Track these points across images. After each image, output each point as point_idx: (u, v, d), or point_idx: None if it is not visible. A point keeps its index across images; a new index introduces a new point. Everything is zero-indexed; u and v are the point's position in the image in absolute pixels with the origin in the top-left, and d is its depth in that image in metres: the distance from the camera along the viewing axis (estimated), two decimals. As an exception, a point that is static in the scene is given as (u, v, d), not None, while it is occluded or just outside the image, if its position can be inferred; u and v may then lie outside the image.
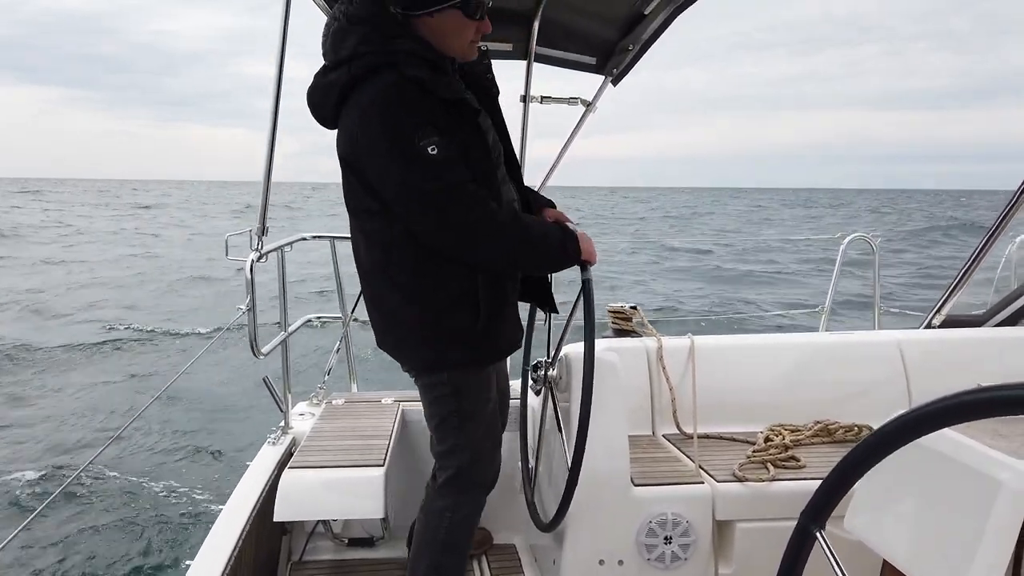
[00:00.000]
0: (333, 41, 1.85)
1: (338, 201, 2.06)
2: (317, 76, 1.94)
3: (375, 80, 1.78)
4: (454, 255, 1.87)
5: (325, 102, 1.90)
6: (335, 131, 1.93)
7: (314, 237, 3.32)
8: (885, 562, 1.67)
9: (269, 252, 2.65)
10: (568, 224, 2.05)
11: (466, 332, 1.95)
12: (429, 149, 1.73)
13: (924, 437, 1.52)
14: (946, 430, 1.48)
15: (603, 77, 3.28)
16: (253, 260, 2.50)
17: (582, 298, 2.03)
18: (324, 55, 1.91)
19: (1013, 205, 3.33)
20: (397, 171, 1.76)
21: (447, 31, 1.85)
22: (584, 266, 2.01)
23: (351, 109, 1.83)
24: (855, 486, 1.57)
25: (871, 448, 0.88)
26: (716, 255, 25.63)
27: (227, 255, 2.64)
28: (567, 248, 1.95)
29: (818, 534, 0.94)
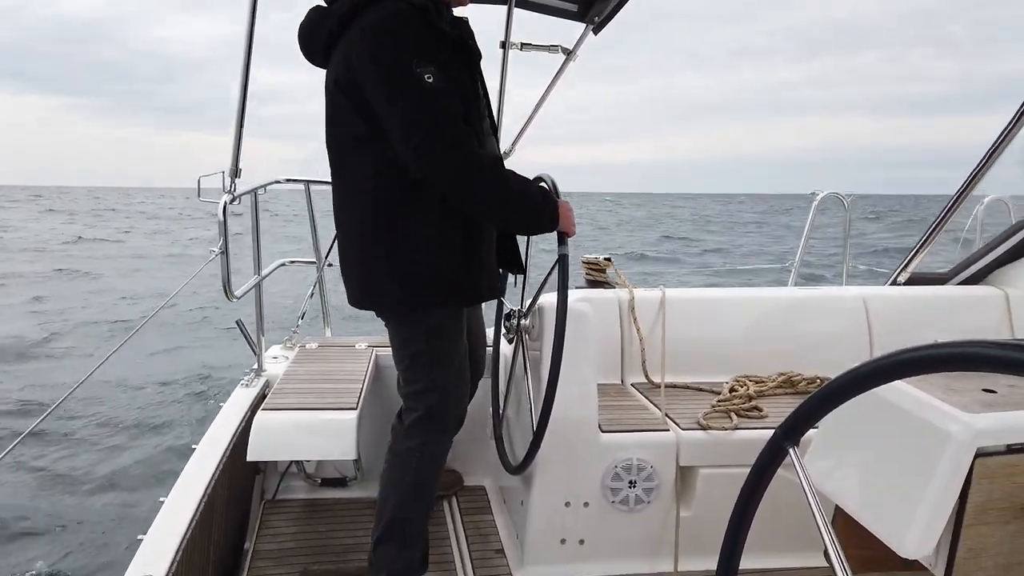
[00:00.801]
0: None
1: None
2: (311, 12, 1.95)
3: (379, 6, 1.79)
4: (440, 186, 1.86)
5: (320, 32, 1.90)
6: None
7: (288, 180, 3.28)
8: (837, 507, 1.75)
9: (242, 195, 2.62)
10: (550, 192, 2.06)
11: (442, 272, 1.97)
12: (426, 76, 1.75)
13: (880, 389, 1.58)
14: (901, 384, 1.55)
15: (584, 25, 3.25)
16: (226, 202, 2.47)
17: (557, 269, 2.05)
18: None
19: (981, 167, 3.39)
20: (391, 93, 1.77)
21: None
22: (562, 238, 2.03)
23: (352, 33, 1.83)
24: (812, 435, 1.64)
25: (855, 380, 0.92)
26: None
27: (199, 197, 2.61)
28: (544, 212, 1.96)
29: (790, 450, 0.99)
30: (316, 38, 1.93)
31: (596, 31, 3.26)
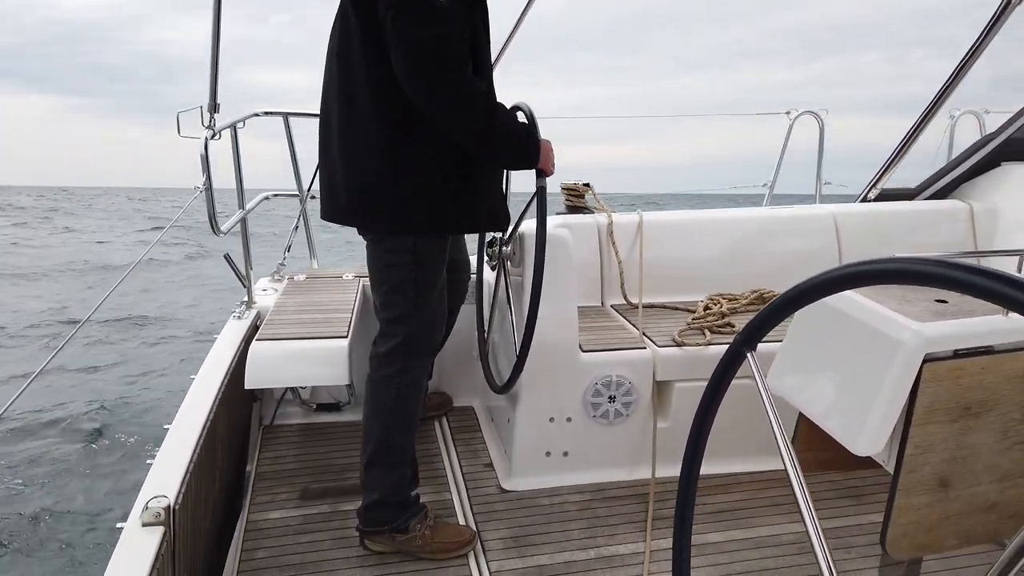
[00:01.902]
0: None
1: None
2: None
3: None
4: (421, 102, 1.86)
5: None
6: None
7: (267, 113, 3.28)
8: (800, 414, 1.89)
9: (222, 129, 2.64)
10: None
11: (437, 194, 1.98)
12: None
13: (836, 300, 1.68)
14: (857, 296, 1.65)
15: None
16: (207, 138, 2.49)
17: (536, 202, 2.11)
18: None
19: (952, 80, 3.44)
20: (399, 8, 1.78)
21: None
22: (540, 174, 2.09)
23: None
24: (776, 347, 1.75)
25: (803, 292, 0.99)
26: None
27: (179, 133, 2.62)
28: (528, 147, 2.00)
29: (748, 354, 1.08)
30: None
31: None
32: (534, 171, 2.10)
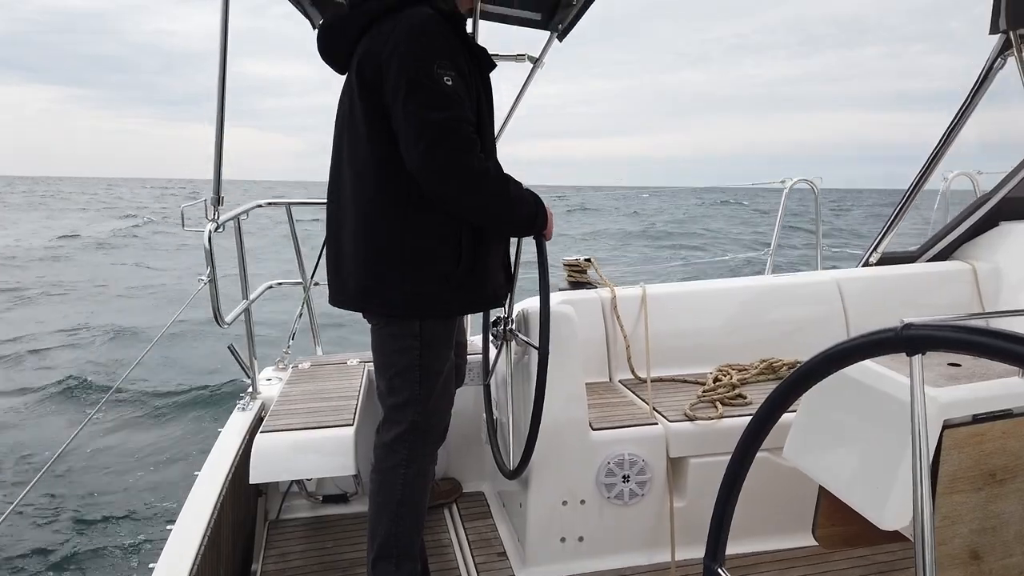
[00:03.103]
0: None
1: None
2: (333, 16, 2.00)
3: (411, 9, 1.86)
4: (432, 191, 1.87)
5: (347, 34, 1.96)
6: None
7: (269, 203, 3.32)
8: (821, 488, 1.83)
9: (226, 221, 2.66)
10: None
11: (446, 276, 1.97)
12: (444, 79, 1.80)
13: (848, 369, 1.66)
14: (868, 362, 1.63)
15: (549, 33, 3.31)
16: (211, 230, 2.51)
17: (539, 275, 2.11)
18: None
19: (942, 145, 3.50)
20: (409, 92, 1.81)
21: None
22: (540, 238, 2.11)
23: (382, 30, 1.88)
24: (791, 417, 1.71)
25: (816, 366, 0.97)
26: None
27: (183, 226, 2.65)
28: (536, 219, 2.03)
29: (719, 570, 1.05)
30: (343, 38, 1.97)
31: (561, 38, 3.33)
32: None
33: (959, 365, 1.72)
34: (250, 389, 2.98)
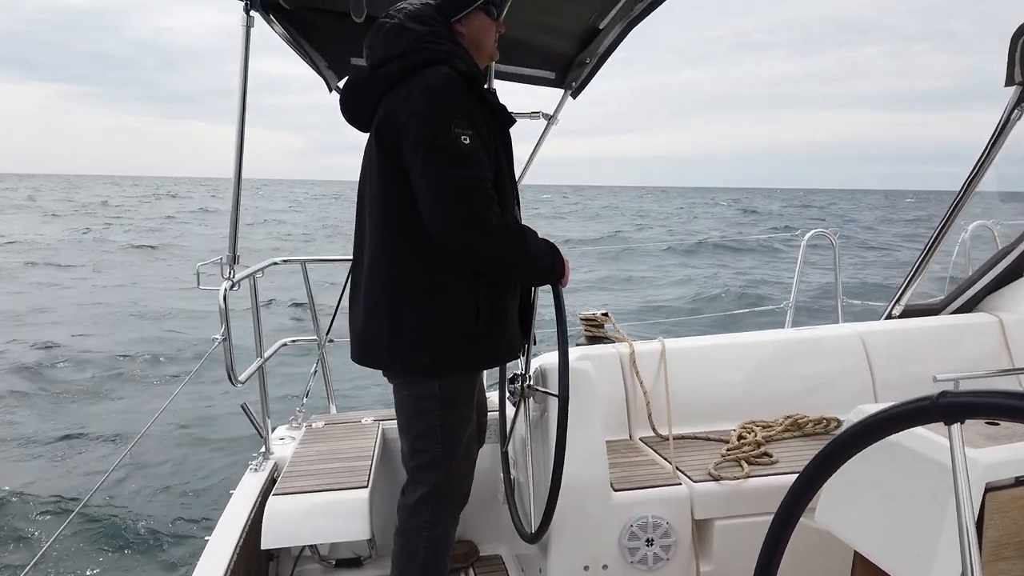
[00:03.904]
0: (387, 38, 1.96)
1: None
2: (355, 78, 2.05)
3: (429, 70, 1.89)
4: (451, 247, 1.88)
5: (368, 96, 1.99)
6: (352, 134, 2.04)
7: (285, 261, 3.33)
8: (856, 553, 1.75)
9: (241, 279, 2.66)
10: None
11: (465, 333, 1.97)
12: (462, 138, 1.83)
13: None
14: None
15: (563, 91, 3.35)
16: (226, 289, 2.50)
17: (557, 331, 2.07)
18: (369, 55, 2.01)
19: (962, 196, 3.47)
20: (428, 153, 1.83)
21: (478, 33, 2.07)
22: (555, 286, 2.09)
23: (400, 91, 1.91)
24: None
25: (856, 435, 0.94)
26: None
27: (199, 285, 2.65)
28: (554, 270, 2.03)
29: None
30: (365, 100, 2.01)
31: (575, 95, 3.37)
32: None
33: (997, 424, 1.65)
34: (263, 449, 2.93)
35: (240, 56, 2.49)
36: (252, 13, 2.46)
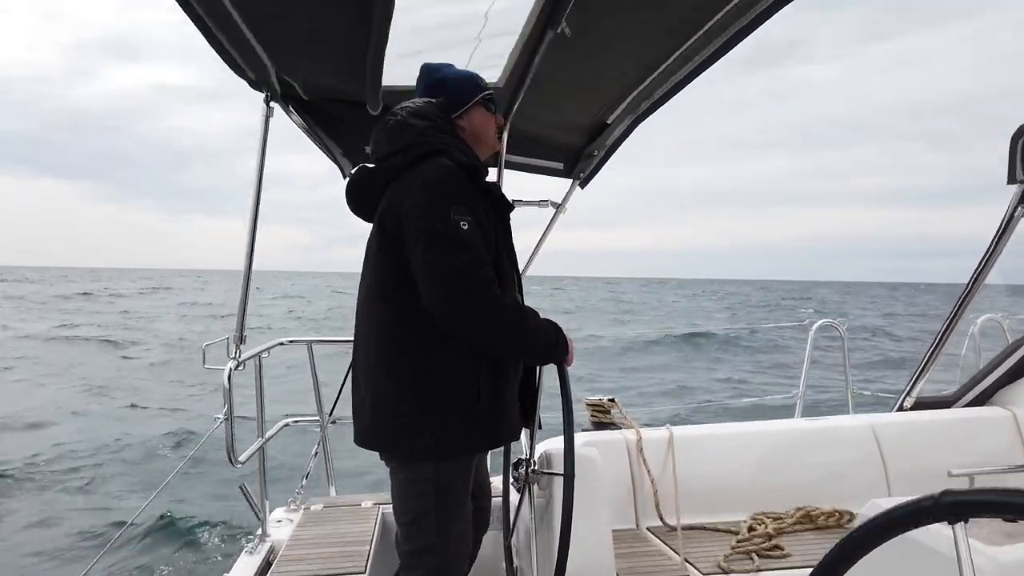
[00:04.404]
0: (391, 134, 2.04)
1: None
2: (360, 171, 2.13)
3: (429, 162, 1.96)
4: (453, 330, 1.91)
5: (372, 187, 2.07)
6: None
7: (291, 341, 3.34)
8: None
9: (247, 360, 2.67)
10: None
11: (465, 413, 1.96)
12: (462, 224, 1.88)
13: None
14: None
15: (571, 180, 3.44)
16: (231, 368, 2.51)
17: (563, 413, 2.06)
18: (375, 150, 2.10)
19: (970, 289, 3.48)
20: (429, 241, 1.87)
21: (478, 126, 2.16)
22: (560, 365, 2.08)
23: (401, 183, 1.98)
24: None
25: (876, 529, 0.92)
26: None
27: (204, 364, 2.65)
28: (556, 347, 2.04)
29: None
30: (369, 191, 2.09)
31: (583, 185, 3.45)
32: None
33: (1014, 520, 1.61)
34: (259, 531, 2.87)
35: (259, 143, 2.59)
36: (272, 104, 2.57)
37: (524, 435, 2.51)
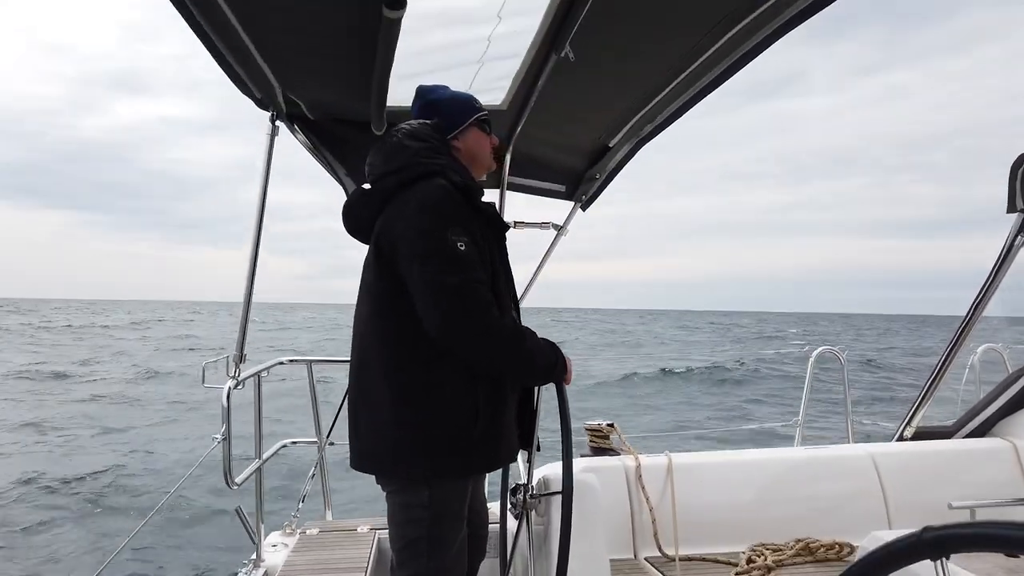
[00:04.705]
0: (386, 155, 2.05)
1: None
2: (356, 193, 2.13)
3: (425, 183, 1.96)
4: (451, 349, 1.89)
5: (368, 208, 2.06)
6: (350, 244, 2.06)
7: (291, 361, 3.32)
8: None
9: (246, 379, 2.64)
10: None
11: (463, 434, 1.93)
12: (458, 244, 1.87)
13: None
14: None
15: (572, 203, 3.44)
16: (230, 387, 2.49)
17: (561, 439, 2.04)
18: (370, 171, 2.09)
19: (969, 320, 3.47)
20: (425, 260, 1.87)
21: (474, 146, 2.17)
22: (559, 385, 2.07)
23: (397, 204, 1.98)
24: None
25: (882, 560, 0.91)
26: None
27: (203, 383, 2.63)
28: (555, 368, 2.02)
29: None
30: (365, 212, 2.08)
31: (584, 208, 3.45)
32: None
33: (1016, 556, 1.59)
34: (254, 556, 2.82)
35: (263, 161, 2.59)
36: (278, 123, 2.58)
37: (521, 460, 2.48)
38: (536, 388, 2.23)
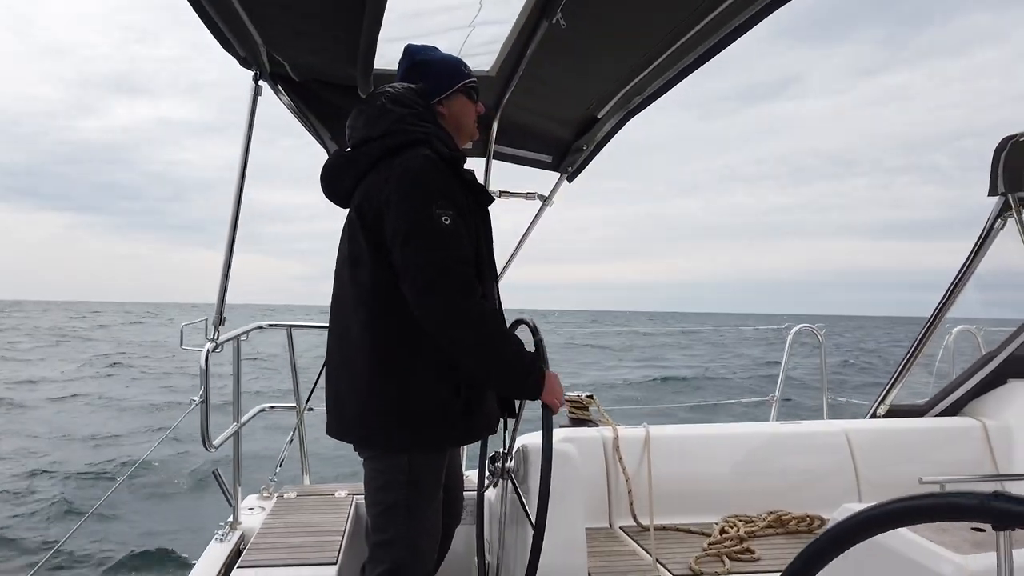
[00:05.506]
0: (368, 118, 1.99)
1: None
2: (335, 155, 2.06)
3: (410, 151, 1.91)
4: (429, 326, 1.84)
5: (350, 173, 2.00)
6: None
7: (271, 325, 3.30)
8: None
9: (225, 341, 2.62)
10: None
11: (443, 407, 1.92)
12: (443, 219, 1.83)
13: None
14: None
15: (558, 174, 3.42)
16: (209, 350, 2.47)
17: (542, 432, 1.94)
18: (351, 135, 2.03)
19: (946, 300, 3.52)
20: (409, 232, 1.83)
21: (459, 113, 2.12)
22: (546, 407, 1.95)
23: (381, 172, 1.92)
24: None
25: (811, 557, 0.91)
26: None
27: (181, 344, 2.61)
28: (529, 378, 1.91)
29: None
30: (344, 178, 2.03)
31: (570, 179, 3.43)
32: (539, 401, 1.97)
33: (983, 530, 1.62)
34: (230, 518, 2.83)
35: (245, 121, 2.54)
36: (261, 82, 2.53)
37: (500, 428, 2.49)
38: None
